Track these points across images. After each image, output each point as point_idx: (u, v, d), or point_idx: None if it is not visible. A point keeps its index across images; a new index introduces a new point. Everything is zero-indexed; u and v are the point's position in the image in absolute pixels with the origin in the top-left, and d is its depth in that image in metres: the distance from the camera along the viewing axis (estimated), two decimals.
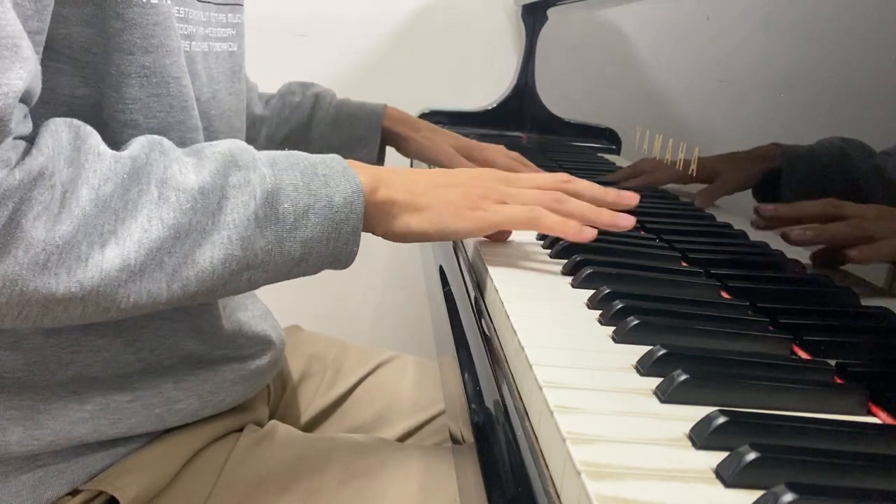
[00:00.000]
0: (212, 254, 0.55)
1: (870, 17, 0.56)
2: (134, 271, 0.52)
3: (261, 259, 0.57)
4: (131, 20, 0.59)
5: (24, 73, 0.49)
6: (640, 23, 1.04)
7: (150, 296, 0.54)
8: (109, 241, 0.51)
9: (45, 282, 0.49)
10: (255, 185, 0.57)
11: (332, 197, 0.59)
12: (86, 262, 0.50)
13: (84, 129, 0.54)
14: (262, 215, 0.57)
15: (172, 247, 0.54)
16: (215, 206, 0.55)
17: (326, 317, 1.61)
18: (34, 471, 0.63)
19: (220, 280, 0.56)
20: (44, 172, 0.49)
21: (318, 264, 0.61)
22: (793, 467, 0.37)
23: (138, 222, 0.52)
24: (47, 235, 0.49)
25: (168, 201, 0.54)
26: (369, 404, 0.91)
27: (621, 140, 1.06)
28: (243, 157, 0.58)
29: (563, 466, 0.39)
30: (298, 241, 0.58)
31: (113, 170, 0.53)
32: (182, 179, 0.55)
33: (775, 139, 0.67)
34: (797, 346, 0.55)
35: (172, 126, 0.63)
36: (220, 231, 0.55)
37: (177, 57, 0.63)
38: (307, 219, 0.58)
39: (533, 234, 0.77)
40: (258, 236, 0.57)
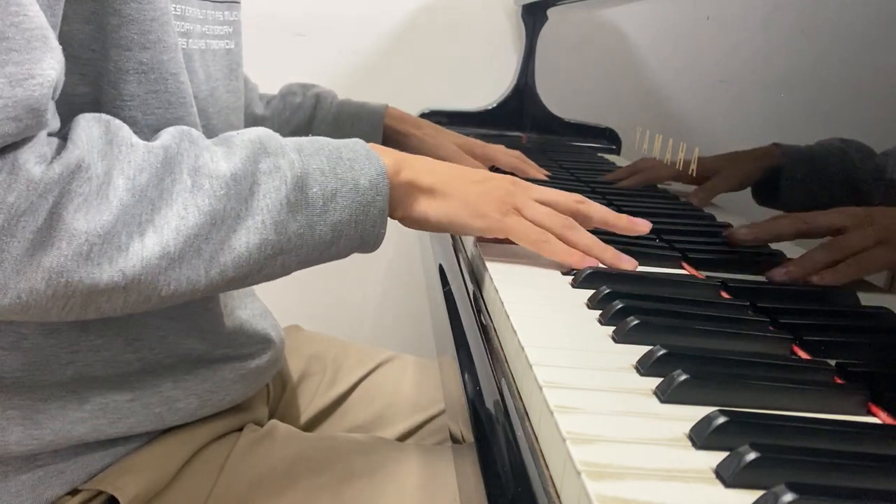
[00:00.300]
0: (247, 239, 0.56)
1: (869, 16, 0.56)
2: (173, 258, 0.53)
3: (294, 243, 0.59)
4: (128, 16, 0.59)
5: (55, 63, 0.50)
6: (640, 23, 1.04)
7: (189, 282, 0.55)
8: (148, 229, 0.53)
9: (88, 272, 0.50)
10: (284, 170, 0.58)
11: (357, 180, 0.60)
12: (126, 251, 0.52)
13: (114, 122, 0.55)
14: (293, 200, 0.58)
15: (209, 233, 0.55)
16: (248, 191, 0.56)
17: (326, 316, 1.61)
18: (34, 470, 0.63)
19: (256, 265, 0.57)
20: (81, 165, 0.50)
21: (347, 247, 0.62)
22: (793, 467, 0.37)
23: (174, 210, 0.54)
24: (89, 226, 0.50)
25: (202, 189, 0.55)
26: (369, 404, 0.91)
27: (621, 140, 1.06)
28: (271, 143, 0.59)
29: (563, 466, 0.39)
30: (328, 224, 0.60)
31: (146, 160, 0.54)
32: (214, 167, 0.56)
33: (775, 139, 0.67)
34: (797, 346, 0.55)
35: (171, 123, 0.63)
36: (254, 216, 0.56)
37: (174, 53, 0.63)
38: (335, 202, 0.60)
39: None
40: (290, 220, 0.58)
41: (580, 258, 0.66)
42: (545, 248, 0.66)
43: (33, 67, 0.49)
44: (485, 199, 0.66)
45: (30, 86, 0.49)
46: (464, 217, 0.65)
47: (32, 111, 0.49)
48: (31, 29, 0.49)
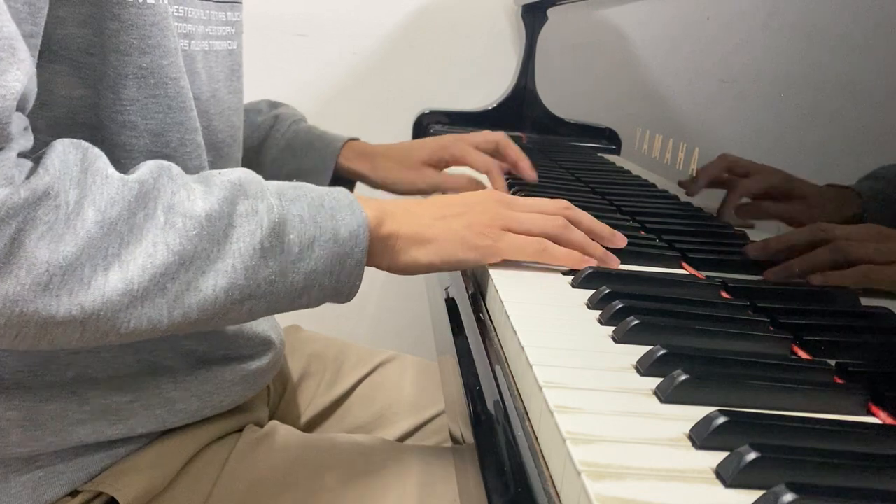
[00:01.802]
0: (215, 282, 0.55)
1: (870, 17, 0.56)
2: (136, 296, 0.51)
3: (263, 289, 0.57)
4: (127, 21, 0.59)
5: (22, 76, 0.49)
6: (640, 23, 1.04)
7: (150, 322, 0.53)
8: (113, 264, 0.51)
9: (45, 303, 0.48)
10: (262, 214, 0.56)
11: (337, 230, 0.59)
12: (88, 285, 0.50)
13: (92, 150, 0.54)
14: (267, 245, 0.56)
15: (176, 273, 0.53)
16: (221, 233, 0.55)
17: (326, 317, 1.61)
18: (34, 471, 0.63)
19: (222, 309, 0.56)
20: (49, 192, 0.49)
21: (319, 297, 0.61)
22: (793, 467, 0.37)
23: (143, 247, 0.52)
24: (51, 256, 0.48)
25: (174, 227, 0.53)
26: (369, 404, 0.91)
27: (621, 140, 1.06)
28: (252, 186, 0.58)
29: (563, 466, 0.39)
30: (302, 272, 0.58)
31: (120, 193, 0.52)
32: (189, 206, 0.54)
33: (775, 139, 0.67)
34: (797, 346, 0.55)
35: (171, 127, 0.63)
36: (224, 259, 0.55)
37: (174, 57, 0.62)
38: (312, 251, 0.58)
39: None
40: (262, 266, 0.56)
41: (579, 259, 0.66)
42: (545, 256, 0.66)
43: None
44: (472, 231, 0.65)
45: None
46: (455, 254, 0.64)
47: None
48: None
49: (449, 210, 0.67)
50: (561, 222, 0.68)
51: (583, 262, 0.66)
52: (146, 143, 0.63)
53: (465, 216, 0.66)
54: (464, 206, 0.67)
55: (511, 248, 0.66)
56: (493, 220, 0.66)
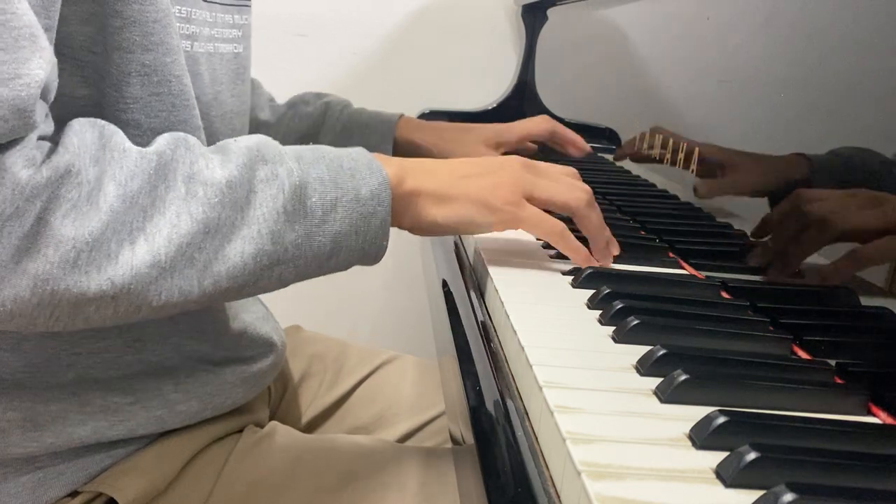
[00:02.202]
0: (242, 248, 0.55)
1: (870, 16, 0.56)
2: (165, 268, 0.52)
3: (291, 254, 0.57)
4: (130, 17, 0.59)
5: (44, 63, 0.49)
6: (640, 23, 1.04)
7: (181, 293, 0.53)
8: (139, 237, 0.51)
9: (76, 280, 0.49)
10: (282, 178, 0.57)
11: (358, 190, 0.59)
12: (116, 260, 0.50)
13: (108, 127, 0.54)
14: (290, 209, 0.56)
15: (202, 242, 0.53)
16: (243, 200, 0.55)
17: (327, 317, 1.61)
18: (34, 472, 0.63)
19: (252, 276, 0.56)
20: (70, 170, 0.49)
21: (347, 259, 0.60)
22: (793, 467, 0.37)
23: (167, 218, 0.52)
24: (77, 233, 0.49)
25: (196, 196, 0.53)
26: (369, 405, 0.91)
27: (621, 140, 1.06)
28: (269, 151, 0.58)
29: (563, 466, 0.39)
30: (328, 235, 0.58)
31: (139, 166, 0.53)
32: (209, 174, 0.55)
33: (775, 139, 0.67)
34: (797, 346, 0.55)
35: (174, 125, 0.63)
36: (249, 225, 0.55)
37: (177, 55, 0.62)
38: (335, 212, 0.58)
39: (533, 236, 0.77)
40: (288, 230, 0.56)
41: (586, 258, 0.66)
42: (559, 240, 0.66)
43: (20, 67, 0.48)
44: (494, 193, 0.64)
45: (16, 86, 0.47)
46: (475, 216, 0.64)
47: (18, 112, 0.47)
48: (19, 28, 0.48)
49: (472, 170, 0.66)
50: (586, 196, 0.66)
51: (588, 261, 0.66)
52: (149, 142, 0.63)
53: (489, 177, 0.65)
54: (487, 168, 0.66)
55: (532, 220, 0.65)
56: (515, 186, 0.65)
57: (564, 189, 0.66)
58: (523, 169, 0.66)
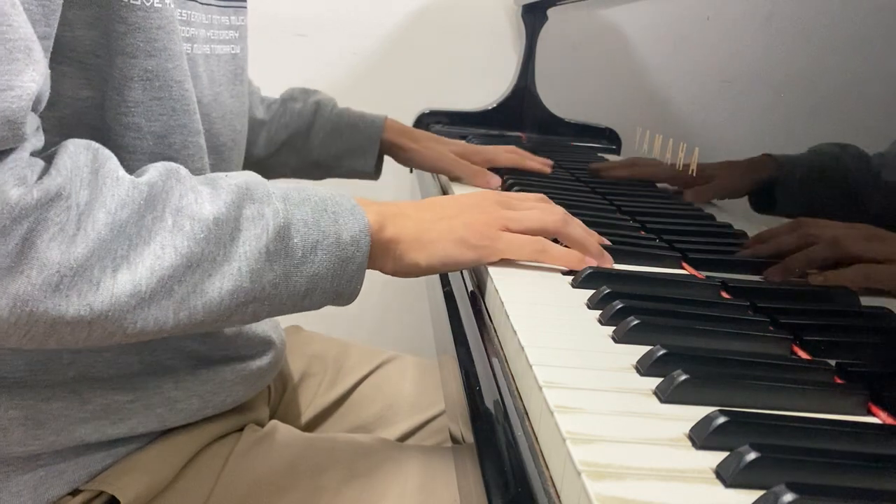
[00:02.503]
0: (221, 284, 0.55)
1: (870, 17, 0.56)
2: (144, 297, 0.52)
3: (268, 292, 0.57)
4: (134, 24, 0.59)
5: (37, 76, 0.49)
6: (640, 23, 1.04)
7: (156, 323, 0.53)
8: (122, 266, 0.51)
9: (55, 304, 0.49)
10: (268, 218, 0.57)
11: (339, 234, 0.59)
12: (97, 286, 0.50)
13: (102, 151, 0.54)
14: (272, 249, 0.57)
15: (183, 275, 0.53)
16: (228, 237, 0.55)
17: (327, 317, 1.61)
18: (35, 471, 0.63)
19: (227, 311, 0.56)
20: (61, 193, 0.49)
21: (321, 300, 0.61)
22: (793, 467, 0.37)
23: (151, 249, 0.52)
24: (62, 257, 0.48)
25: (182, 230, 0.53)
26: (369, 404, 0.91)
27: (621, 140, 1.06)
28: (258, 190, 0.58)
29: (563, 466, 0.39)
30: (305, 276, 0.58)
31: (130, 195, 0.52)
32: (197, 209, 0.55)
33: (775, 140, 0.67)
34: (797, 346, 0.55)
35: (174, 129, 0.63)
36: (231, 262, 0.55)
37: (179, 60, 0.62)
38: (315, 254, 0.58)
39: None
40: (267, 269, 0.57)
41: (578, 260, 0.66)
42: (544, 257, 0.66)
43: (13, 79, 0.47)
44: (471, 230, 0.65)
45: (8, 97, 0.47)
46: (454, 256, 0.64)
47: (9, 123, 0.47)
48: (14, 40, 0.48)
49: (447, 211, 0.67)
50: (560, 217, 0.68)
51: (582, 263, 0.66)
52: (149, 146, 0.63)
53: (462, 216, 0.66)
54: (462, 207, 0.67)
55: (510, 248, 0.66)
56: (492, 219, 0.66)
57: (539, 215, 0.67)
58: (497, 205, 0.68)
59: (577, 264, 0.66)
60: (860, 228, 0.55)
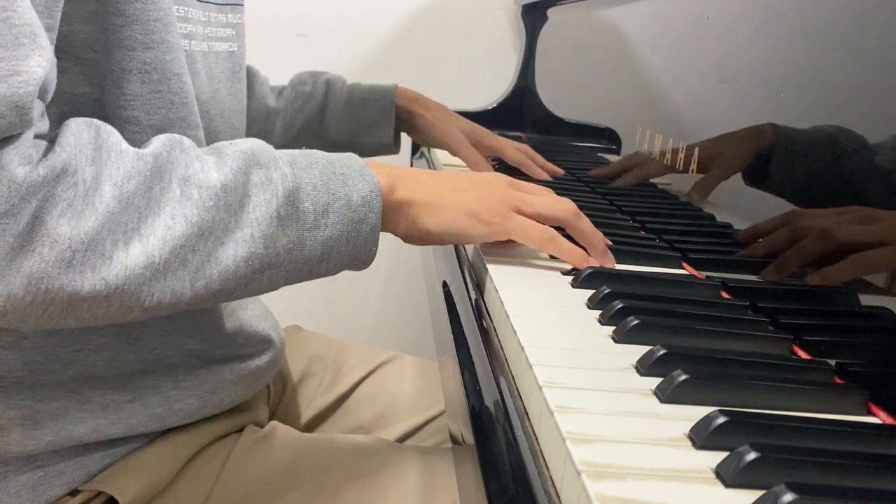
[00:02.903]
0: (235, 251, 0.55)
1: (870, 16, 0.56)
2: (158, 269, 0.52)
3: (283, 258, 0.57)
4: (132, 16, 0.59)
5: (44, 62, 0.49)
6: (640, 23, 1.04)
7: (173, 294, 0.54)
8: (133, 238, 0.51)
9: (70, 279, 0.49)
10: (276, 183, 0.57)
11: (350, 196, 0.59)
12: (110, 260, 0.50)
13: (105, 127, 0.54)
14: (283, 213, 0.57)
15: (196, 244, 0.53)
16: (238, 203, 0.55)
17: (326, 317, 1.61)
18: (33, 471, 0.63)
19: (243, 279, 0.56)
20: (67, 169, 0.49)
21: (338, 264, 0.61)
22: (793, 467, 0.37)
23: (161, 219, 0.52)
24: (72, 232, 0.49)
25: (191, 198, 0.54)
26: (369, 405, 0.91)
27: (621, 140, 1.06)
28: (264, 155, 0.58)
29: (563, 466, 0.39)
30: (319, 239, 0.58)
31: (135, 167, 0.53)
32: (204, 177, 0.55)
33: None
34: (797, 346, 0.55)
35: (174, 123, 0.63)
36: (242, 228, 0.55)
37: (177, 53, 0.62)
38: (327, 217, 0.58)
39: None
40: (280, 234, 0.57)
41: (583, 258, 0.66)
42: (551, 246, 0.66)
43: (19, 64, 0.48)
44: (484, 206, 0.65)
45: (15, 82, 0.47)
46: (465, 227, 0.64)
47: (17, 108, 0.47)
48: (20, 25, 0.48)
49: (462, 184, 0.67)
50: (573, 209, 0.67)
51: (585, 262, 0.66)
52: (149, 139, 0.63)
53: (478, 190, 0.66)
54: (476, 182, 0.67)
55: (520, 230, 0.65)
56: (504, 199, 0.66)
57: (552, 202, 0.67)
58: (510, 186, 0.68)
59: (581, 262, 0.66)
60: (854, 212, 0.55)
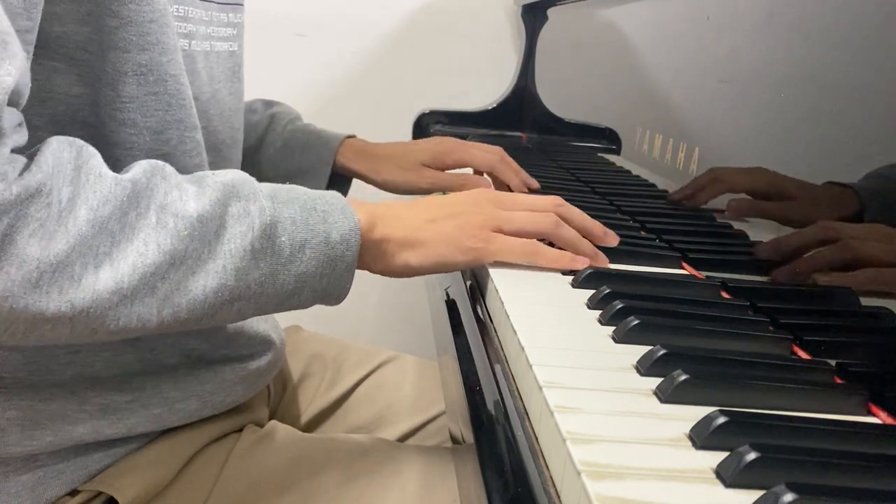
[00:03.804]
0: (205, 282, 0.55)
1: (870, 16, 0.56)
2: (126, 294, 0.52)
3: (253, 290, 0.57)
4: (127, 17, 0.58)
5: (14, 70, 0.49)
6: (640, 23, 1.04)
7: (139, 320, 0.53)
8: (104, 262, 0.51)
9: (35, 300, 0.49)
10: (253, 216, 0.57)
11: (329, 233, 0.59)
12: (78, 283, 0.50)
13: (87, 149, 0.54)
14: (258, 247, 0.56)
15: (167, 273, 0.53)
16: (213, 234, 0.55)
17: (326, 317, 1.61)
18: (33, 471, 0.63)
19: (211, 309, 0.56)
20: (41, 189, 0.49)
21: (310, 299, 0.61)
22: (793, 467, 0.37)
23: (134, 246, 0.52)
24: (41, 253, 0.48)
25: (166, 227, 0.53)
26: (369, 405, 0.91)
27: (621, 140, 1.06)
28: (244, 188, 0.58)
29: (563, 466, 0.39)
30: (293, 274, 0.58)
31: (113, 192, 0.52)
32: (182, 206, 0.54)
33: (775, 140, 0.67)
34: (797, 346, 0.55)
35: (171, 124, 0.63)
36: (215, 260, 0.55)
37: (174, 54, 0.62)
38: (303, 253, 0.58)
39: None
40: (253, 268, 0.56)
41: (570, 260, 0.66)
42: (537, 259, 0.66)
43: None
44: (464, 232, 0.65)
45: None
46: (446, 257, 0.64)
47: None
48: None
49: (440, 212, 0.66)
50: (553, 220, 0.67)
51: (573, 263, 0.66)
52: (146, 141, 0.63)
53: (456, 218, 0.66)
54: (455, 208, 0.67)
55: (502, 250, 0.65)
56: (485, 221, 0.66)
57: (531, 217, 0.67)
58: (490, 204, 0.67)
59: (570, 265, 0.66)
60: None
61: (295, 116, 1.02)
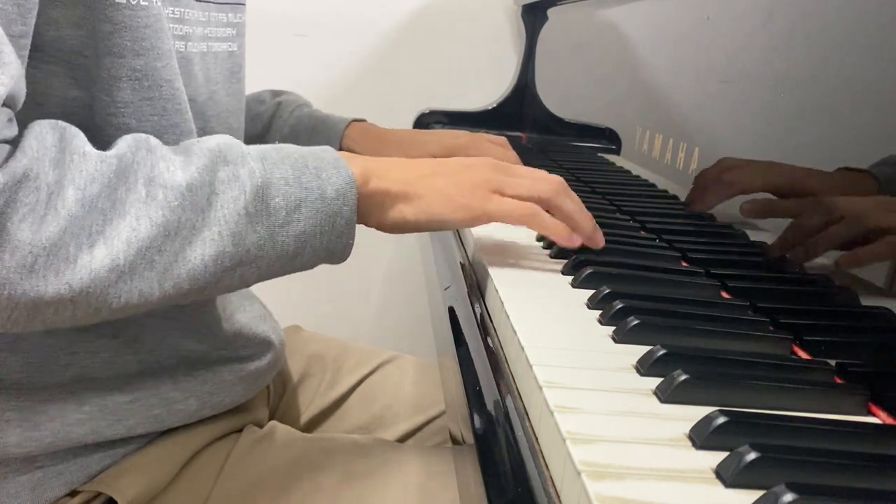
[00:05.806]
0: (202, 251, 0.54)
1: (870, 16, 0.56)
2: (124, 271, 0.52)
3: (253, 255, 0.57)
4: (120, 23, 0.58)
5: (6, 79, 0.49)
6: (640, 23, 1.04)
7: (141, 295, 0.53)
8: (98, 241, 0.51)
9: (32, 285, 0.49)
10: (244, 179, 0.56)
11: (323, 189, 0.58)
12: (74, 264, 0.50)
13: (69, 129, 0.53)
14: (252, 210, 0.56)
15: (162, 245, 0.53)
16: (204, 202, 0.55)
17: (326, 317, 1.61)
18: (33, 472, 0.63)
19: (213, 277, 0.56)
20: (28, 174, 0.49)
21: (313, 259, 0.60)
22: (793, 467, 0.37)
23: (126, 221, 0.52)
24: (33, 238, 0.48)
25: (156, 199, 0.53)
26: (369, 405, 0.91)
27: (621, 140, 1.06)
28: (232, 152, 0.57)
29: (563, 467, 0.39)
30: (291, 235, 0.58)
31: (99, 169, 0.52)
32: (169, 177, 0.54)
33: (775, 140, 0.67)
34: (797, 346, 0.55)
35: (167, 129, 0.63)
36: (210, 227, 0.55)
37: (169, 59, 0.62)
38: (299, 212, 0.58)
39: (533, 235, 0.77)
40: (249, 232, 0.56)
41: (567, 234, 0.65)
42: (533, 221, 0.65)
43: None
44: (461, 190, 0.63)
45: None
46: (442, 213, 0.63)
47: None
48: None
49: (439, 169, 0.65)
50: (554, 187, 0.66)
51: (570, 238, 0.65)
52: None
53: (454, 176, 0.64)
54: (455, 167, 0.66)
55: (500, 210, 0.64)
56: (484, 182, 0.64)
57: (533, 183, 0.66)
58: (492, 169, 0.66)
59: (566, 238, 0.65)
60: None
61: (303, 103, 1.03)
